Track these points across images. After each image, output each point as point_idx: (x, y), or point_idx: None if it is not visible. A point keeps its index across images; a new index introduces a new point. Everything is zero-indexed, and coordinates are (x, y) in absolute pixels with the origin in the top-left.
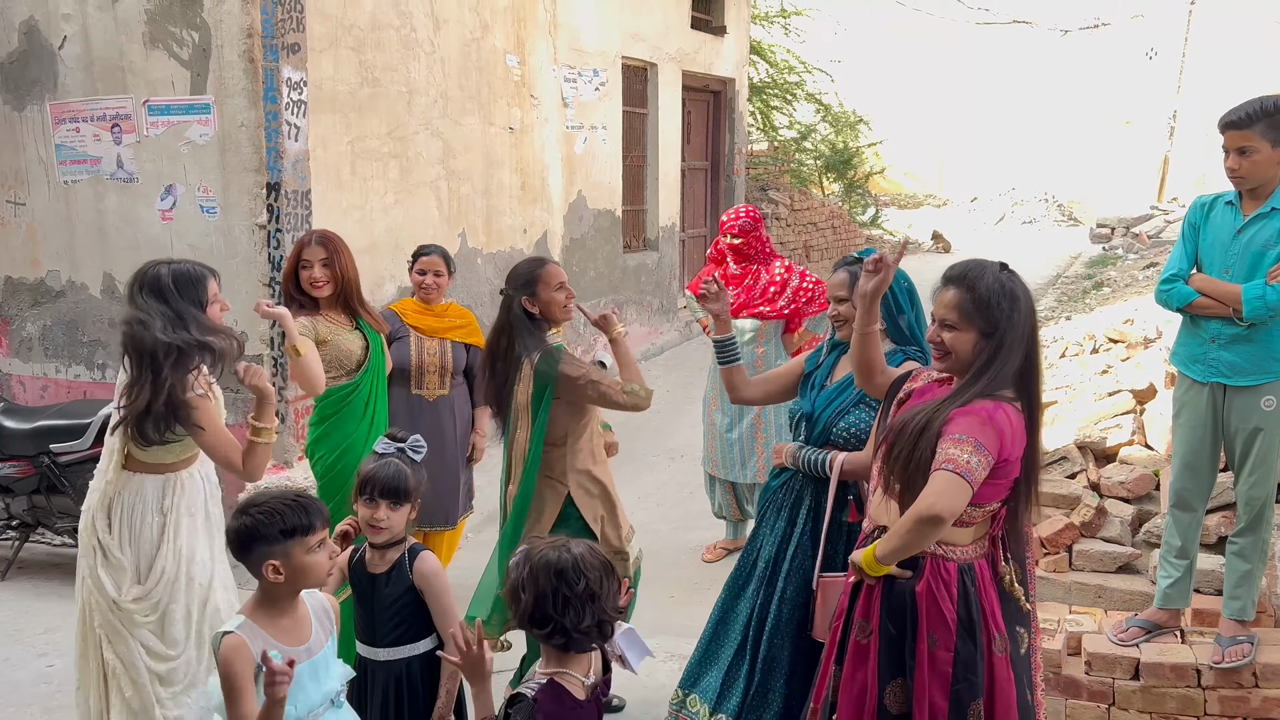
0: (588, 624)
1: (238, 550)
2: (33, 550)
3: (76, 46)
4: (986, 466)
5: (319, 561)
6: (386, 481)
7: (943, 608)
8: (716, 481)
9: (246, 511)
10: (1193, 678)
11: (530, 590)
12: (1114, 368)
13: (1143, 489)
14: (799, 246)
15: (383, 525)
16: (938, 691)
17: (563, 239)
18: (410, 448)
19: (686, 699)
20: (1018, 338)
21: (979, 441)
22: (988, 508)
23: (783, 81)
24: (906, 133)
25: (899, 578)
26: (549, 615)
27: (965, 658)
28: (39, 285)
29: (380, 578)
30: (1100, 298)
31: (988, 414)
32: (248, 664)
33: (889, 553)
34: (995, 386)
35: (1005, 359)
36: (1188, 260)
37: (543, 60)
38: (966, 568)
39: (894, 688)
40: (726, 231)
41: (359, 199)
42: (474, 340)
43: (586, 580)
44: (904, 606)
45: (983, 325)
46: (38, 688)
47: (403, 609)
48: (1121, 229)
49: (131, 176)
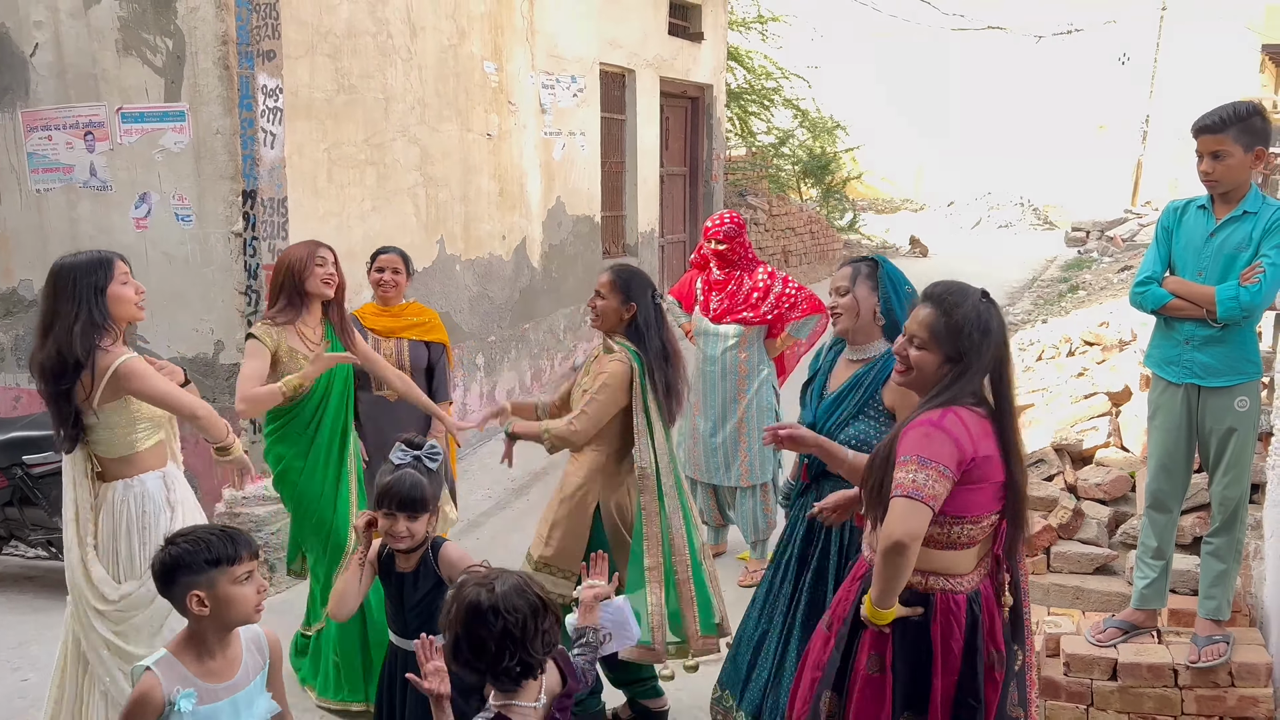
0: (507, 665)
1: (162, 582)
2: (6, 563)
3: (48, 54)
4: (941, 477)
5: (245, 594)
6: (403, 495)
7: (951, 641)
8: (699, 486)
9: (173, 542)
10: (1170, 677)
11: (451, 630)
12: (1090, 370)
13: (1119, 490)
14: (777, 251)
15: (403, 535)
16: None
17: (541, 245)
18: (426, 455)
19: (723, 694)
20: (981, 367)
21: (922, 456)
22: (984, 522)
23: (760, 87)
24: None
25: (911, 616)
26: (465, 657)
27: (966, 680)
28: (11, 295)
29: (408, 577)
30: (1076, 301)
31: (932, 423)
32: (153, 707)
33: (879, 594)
34: (949, 401)
35: (965, 386)
36: (1161, 263)
37: (520, 67)
38: (974, 595)
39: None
40: (711, 237)
41: (336, 206)
42: (434, 337)
43: (506, 622)
44: (919, 645)
45: (949, 350)
46: (12, 703)
47: (432, 604)
48: (1096, 233)
49: (105, 184)
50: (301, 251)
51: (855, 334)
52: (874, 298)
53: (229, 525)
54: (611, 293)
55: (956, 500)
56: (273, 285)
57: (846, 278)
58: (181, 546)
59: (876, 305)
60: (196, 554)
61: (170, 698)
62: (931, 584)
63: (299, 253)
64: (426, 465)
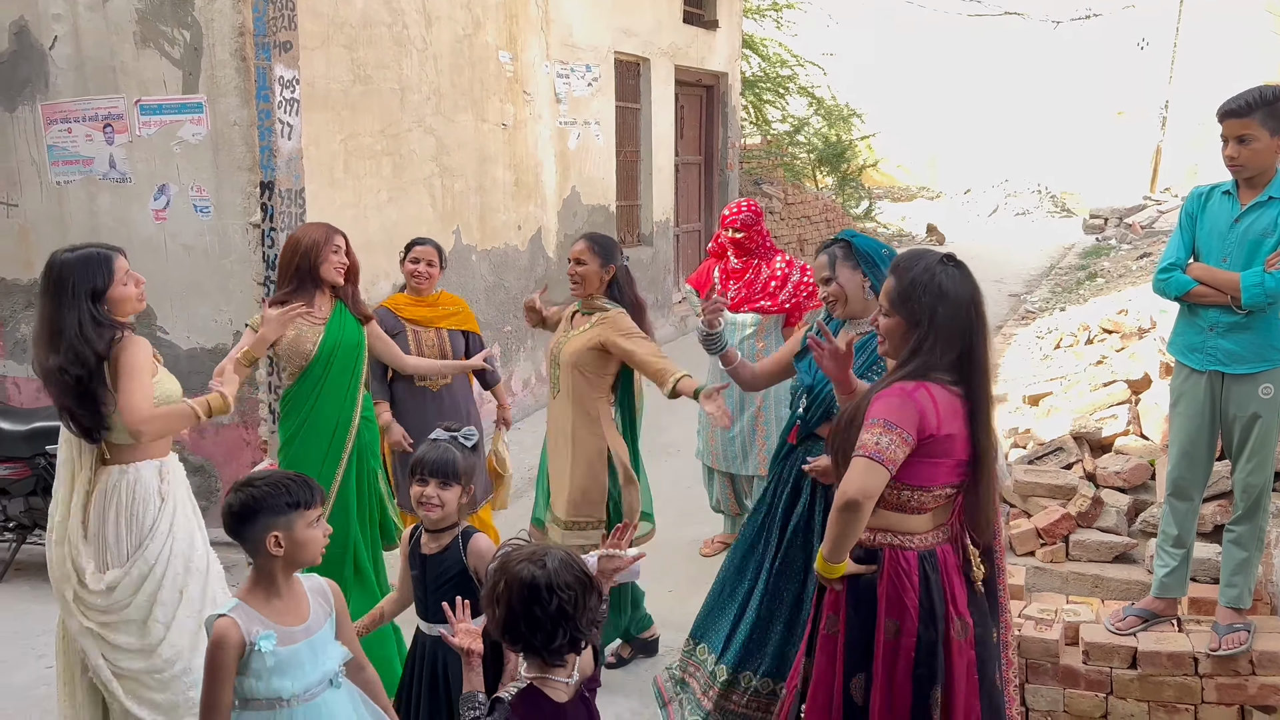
0: (559, 643)
1: (238, 524)
2: (30, 552)
3: (67, 47)
4: (903, 443)
5: (316, 538)
6: (434, 462)
7: (904, 597)
8: (715, 475)
9: (250, 484)
10: (1190, 666)
11: (503, 606)
12: (1109, 358)
13: (1139, 478)
14: (793, 240)
15: (433, 503)
16: (902, 678)
17: (557, 235)
18: (462, 435)
19: (696, 648)
20: (946, 331)
21: (888, 420)
22: (936, 491)
23: (775, 75)
24: (899, 125)
25: (862, 574)
26: (520, 633)
27: (927, 643)
28: (33, 287)
29: (432, 559)
30: (1094, 288)
31: (904, 393)
32: (233, 649)
33: (829, 549)
34: (923, 372)
35: (932, 349)
36: (1185, 249)
37: (535, 56)
38: (927, 554)
39: (859, 679)
40: (728, 225)
41: (353, 197)
42: (469, 326)
43: (559, 599)
44: (869, 601)
45: (905, 315)
46: (36, 689)
47: (453, 589)
48: (1115, 220)
49: (124, 176)
50: (317, 235)
51: (851, 315)
52: (858, 275)
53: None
54: (592, 257)
55: (912, 470)
56: (284, 266)
57: (826, 266)
58: (262, 489)
59: (864, 282)
60: (278, 496)
61: (250, 639)
62: (880, 539)
63: (314, 236)
64: (462, 442)
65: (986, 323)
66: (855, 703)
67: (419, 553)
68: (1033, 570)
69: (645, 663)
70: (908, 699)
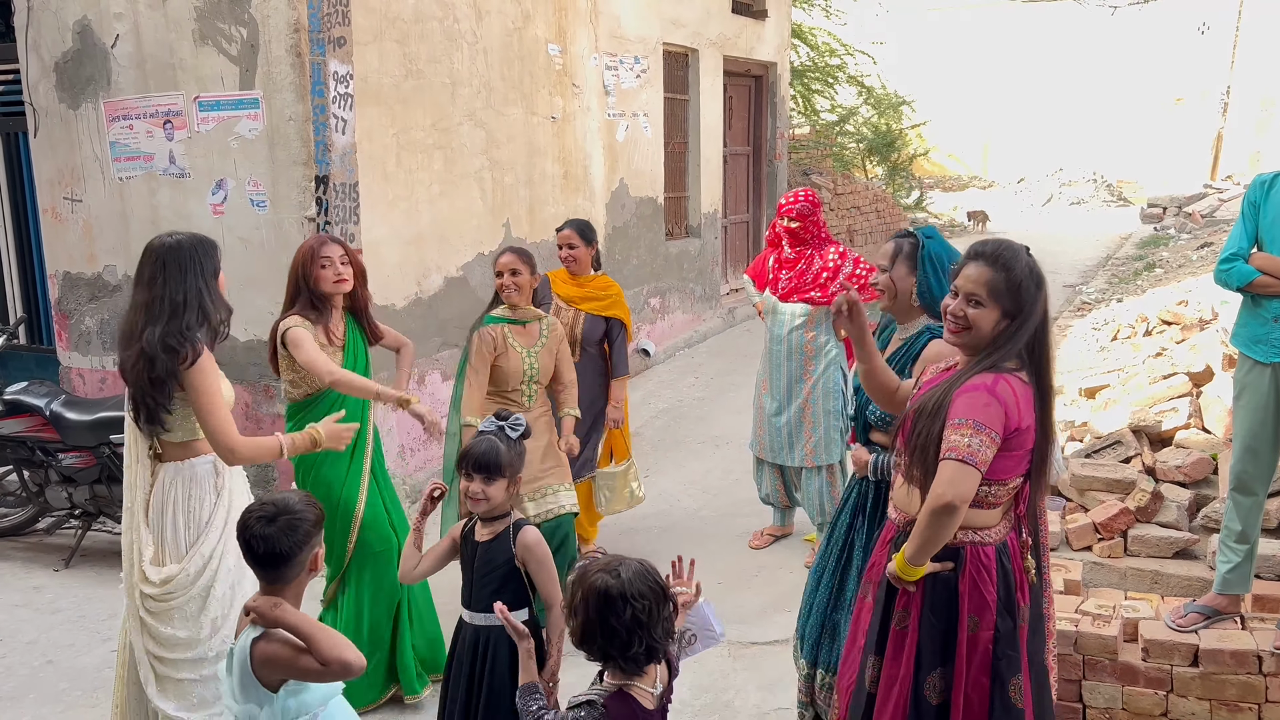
0: (635, 651)
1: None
2: (95, 539)
3: (128, 45)
4: (992, 443)
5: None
6: (478, 458)
7: (984, 591)
8: (765, 466)
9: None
10: (1254, 664)
11: (580, 615)
12: (1168, 350)
13: (1200, 473)
14: (842, 230)
15: (479, 496)
16: (980, 672)
17: (605, 227)
18: (510, 425)
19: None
20: (1035, 322)
21: (978, 421)
22: (1010, 484)
23: (824, 65)
24: (951, 114)
25: (941, 572)
26: (597, 642)
27: (1005, 634)
28: (96, 280)
29: (481, 545)
30: (1152, 279)
31: (987, 389)
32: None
33: (916, 552)
34: (997, 363)
35: (1020, 340)
36: (1248, 239)
37: (584, 48)
38: (1002, 547)
39: (933, 678)
40: (784, 214)
41: (405, 191)
42: (613, 313)
43: (633, 609)
44: (949, 598)
45: (1009, 306)
46: (103, 672)
47: (500, 578)
48: (1173, 208)
49: (183, 172)
50: (305, 249)
51: (897, 314)
52: (911, 279)
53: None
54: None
55: (994, 465)
56: (288, 286)
57: (888, 255)
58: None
59: (913, 287)
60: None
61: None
62: (961, 538)
63: (303, 250)
64: (508, 434)
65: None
66: (929, 702)
67: (472, 537)
68: (1090, 565)
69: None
70: (984, 692)
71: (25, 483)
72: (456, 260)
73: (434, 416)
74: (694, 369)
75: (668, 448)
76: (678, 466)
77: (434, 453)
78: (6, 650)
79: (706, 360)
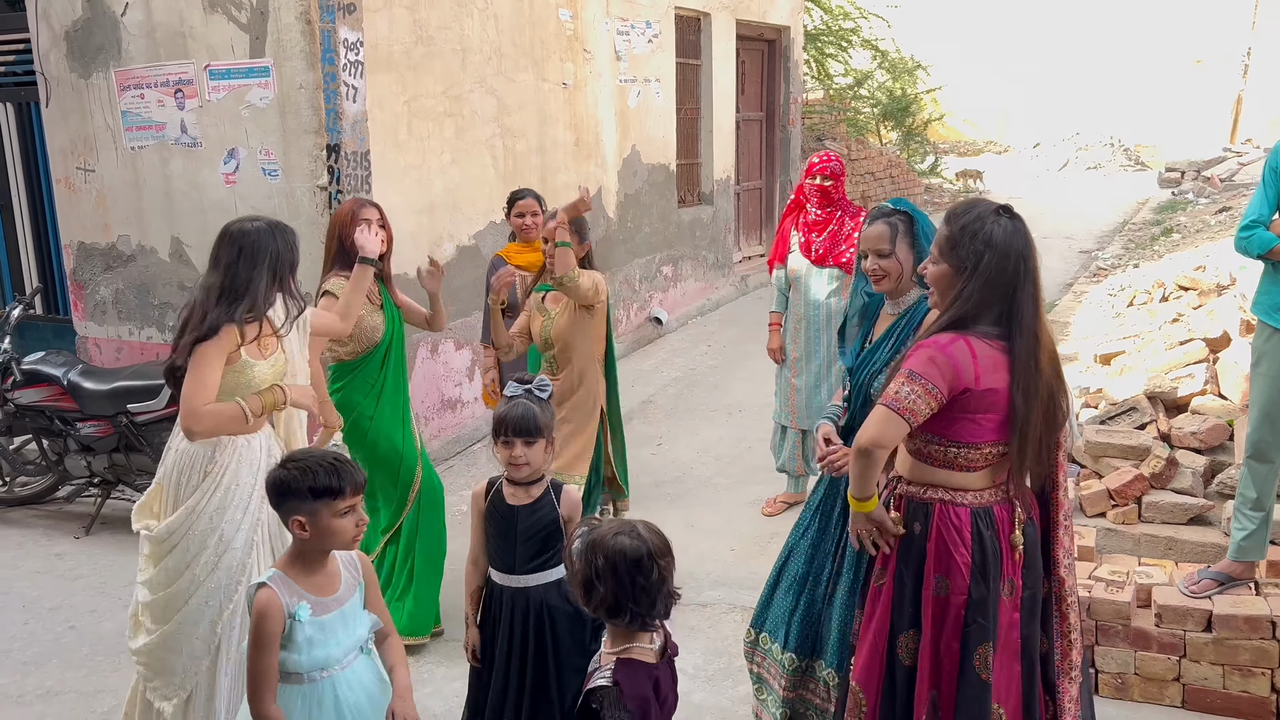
0: (660, 609)
1: (274, 500)
2: (114, 506)
3: (139, 13)
4: (927, 395)
5: (344, 526)
6: (516, 421)
7: (954, 553)
8: (787, 432)
9: (285, 465)
10: (1267, 629)
11: (609, 583)
12: (1185, 316)
13: (1216, 439)
14: (856, 197)
15: (521, 462)
16: (950, 636)
17: (617, 195)
18: (536, 387)
19: (759, 637)
20: (993, 283)
21: (914, 371)
22: (986, 449)
23: (838, 28)
24: (966, 78)
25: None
26: (626, 607)
27: (978, 600)
28: (110, 250)
29: (521, 509)
30: (1170, 244)
31: (938, 345)
32: (277, 619)
33: (852, 486)
34: (964, 323)
35: (971, 298)
36: (1269, 205)
37: (595, 13)
38: (981, 512)
39: (906, 638)
40: (817, 173)
41: (416, 159)
42: None
43: (659, 566)
44: (919, 557)
45: (953, 261)
46: (124, 638)
47: (547, 539)
48: (1192, 173)
49: (195, 141)
50: (344, 211)
51: (897, 293)
52: (912, 255)
53: (341, 456)
54: (573, 235)
55: (956, 426)
56: (326, 247)
57: (886, 239)
58: (290, 471)
59: (913, 264)
60: (302, 481)
61: (289, 610)
62: (930, 495)
63: (342, 212)
64: (537, 395)
65: (1037, 279)
66: (902, 662)
67: (503, 504)
68: (1103, 532)
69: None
70: (955, 658)
71: (45, 451)
72: (469, 229)
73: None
74: (707, 337)
75: (680, 415)
76: (691, 434)
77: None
78: (29, 616)
79: (719, 328)
